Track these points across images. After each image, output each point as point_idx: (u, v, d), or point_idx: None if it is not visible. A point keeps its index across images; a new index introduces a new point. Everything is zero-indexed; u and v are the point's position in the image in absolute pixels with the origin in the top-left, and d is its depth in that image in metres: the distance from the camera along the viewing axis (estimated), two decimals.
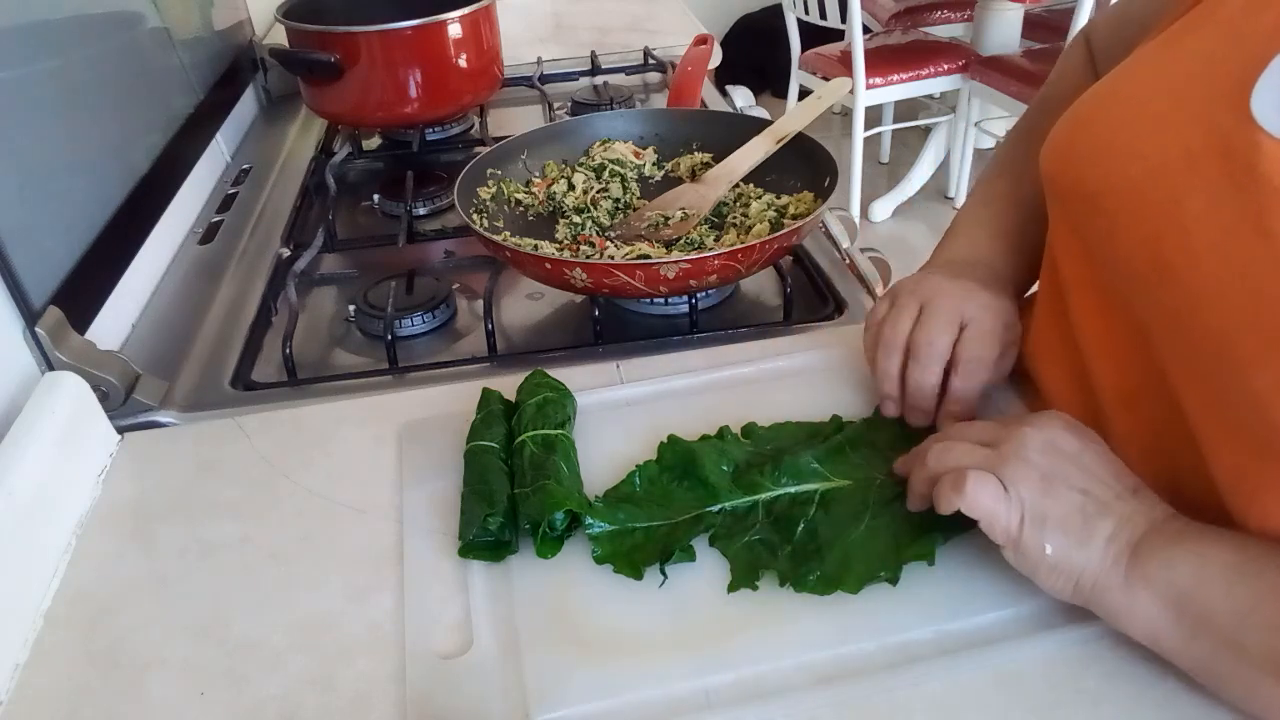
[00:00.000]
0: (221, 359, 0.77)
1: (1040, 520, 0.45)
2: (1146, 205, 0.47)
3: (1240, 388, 0.42)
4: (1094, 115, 0.53)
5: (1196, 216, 0.44)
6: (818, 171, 0.84)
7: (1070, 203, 0.55)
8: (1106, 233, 0.50)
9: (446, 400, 0.67)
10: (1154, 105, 0.49)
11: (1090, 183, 0.51)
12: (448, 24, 1.06)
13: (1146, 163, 0.47)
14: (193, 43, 1.10)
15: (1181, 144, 0.46)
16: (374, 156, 1.18)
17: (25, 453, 0.57)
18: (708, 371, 0.69)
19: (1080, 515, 0.46)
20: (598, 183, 0.89)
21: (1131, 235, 0.48)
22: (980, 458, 0.48)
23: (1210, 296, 0.44)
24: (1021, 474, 0.46)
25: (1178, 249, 0.45)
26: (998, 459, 0.47)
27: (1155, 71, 0.51)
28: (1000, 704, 0.44)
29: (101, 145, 0.82)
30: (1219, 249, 0.43)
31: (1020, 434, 0.48)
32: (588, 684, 0.46)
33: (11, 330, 0.65)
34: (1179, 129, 0.46)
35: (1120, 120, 0.50)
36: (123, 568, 0.57)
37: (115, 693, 0.49)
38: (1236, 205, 0.42)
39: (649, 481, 0.57)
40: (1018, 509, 0.46)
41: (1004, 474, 0.46)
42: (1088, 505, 0.46)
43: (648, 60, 1.40)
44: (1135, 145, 0.48)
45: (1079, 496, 0.46)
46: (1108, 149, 0.50)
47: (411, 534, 0.56)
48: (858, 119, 2.67)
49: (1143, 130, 0.48)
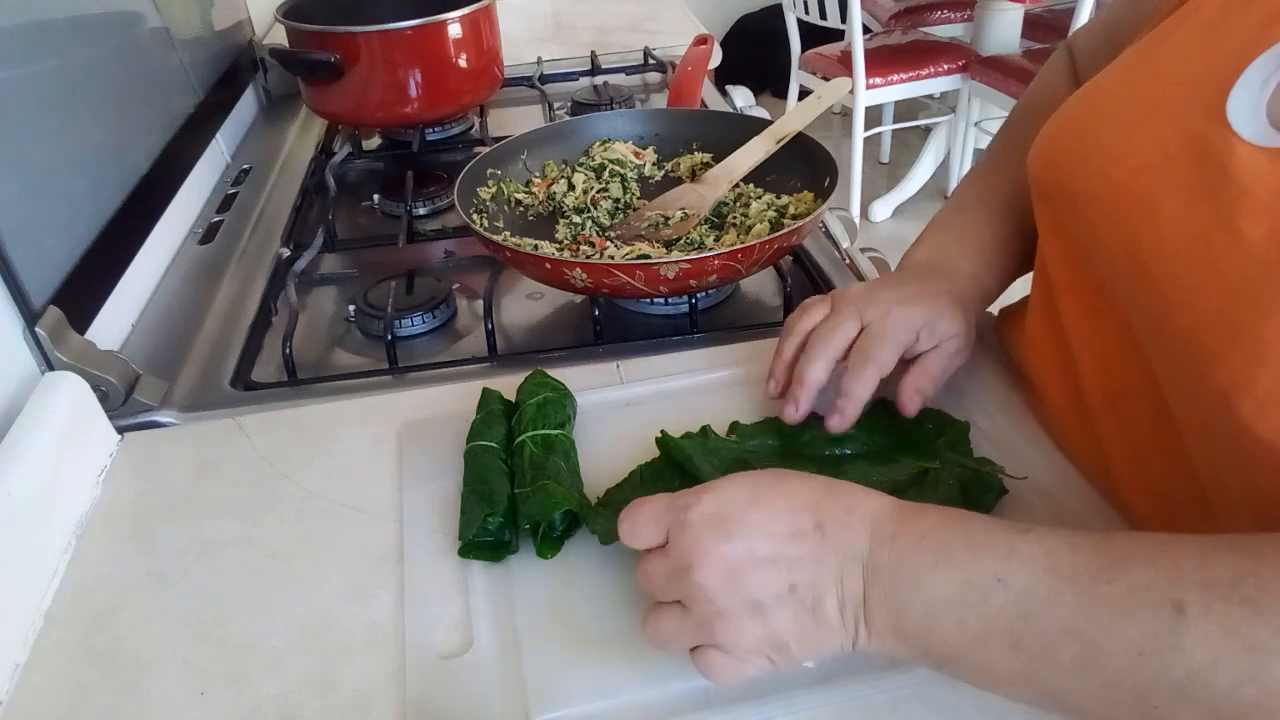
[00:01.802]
0: (221, 359, 0.77)
1: (783, 649, 0.42)
2: (1126, 207, 0.47)
3: (1206, 383, 0.43)
4: (1079, 118, 0.53)
5: (1171, 218, 0.45)
6: (818, 171, 0.84)
7: (1056, 204, 0.55)
8: (1090, 234, 0.51)
9: (446, 400, 0.67)
10: (1134, 108, 0.49)
11: (1074, 184, 0.51)
12: (448, 24, 1.06)
13: (1127, 165, 0.48)
14: (193, 43, 1.10)
15: (1160, 147, 0.46)
16: (374, 156, 1.18)
17: (25, 453, 0.57)
18: (708, 371, 0.69)
19: (809, 615, 0.42)
20: (598, 183, 0.89)
21: (1112, 236, 0.48)
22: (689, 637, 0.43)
23: (1181, 295, 0.44)
24: (733, 633, 0.42)
25: (1153, 249, 0.46)
26: (703, 629, 0.42)
27: (1136, 75, 0.51)
28: (1000, 704, 0.44)
29: (101, 145, 0.82)
30: (1191, 249, 0.43)
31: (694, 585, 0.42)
32: (588, 684, 0.46)
33: (11, 330, 0.65)
34: (1158, 132, 0.47)
35: (1103, 123, 0.51)
36: (123, 568, 0.57)
37: (115, 693, 0.49)
38: (1209, 207, 0.43)
39: (649, 482, 0.57)
40: (756, 659, 0.42)
41: (723, 644, 0.42)
42: (802, 597, 0.42)
43: (648, 60, 1.40)
44: (1117, 147, 0.49)
45: (789, 600, 0.42)
46: (1091, 151, 0.50)
47: (411, 534, 0.56)
48: (858, 119, 2.67)
49: (1123, 133, 0.49)
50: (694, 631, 0.43)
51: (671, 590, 0.44)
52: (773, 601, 0.41)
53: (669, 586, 0.44)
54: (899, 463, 0.56)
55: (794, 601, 0.41)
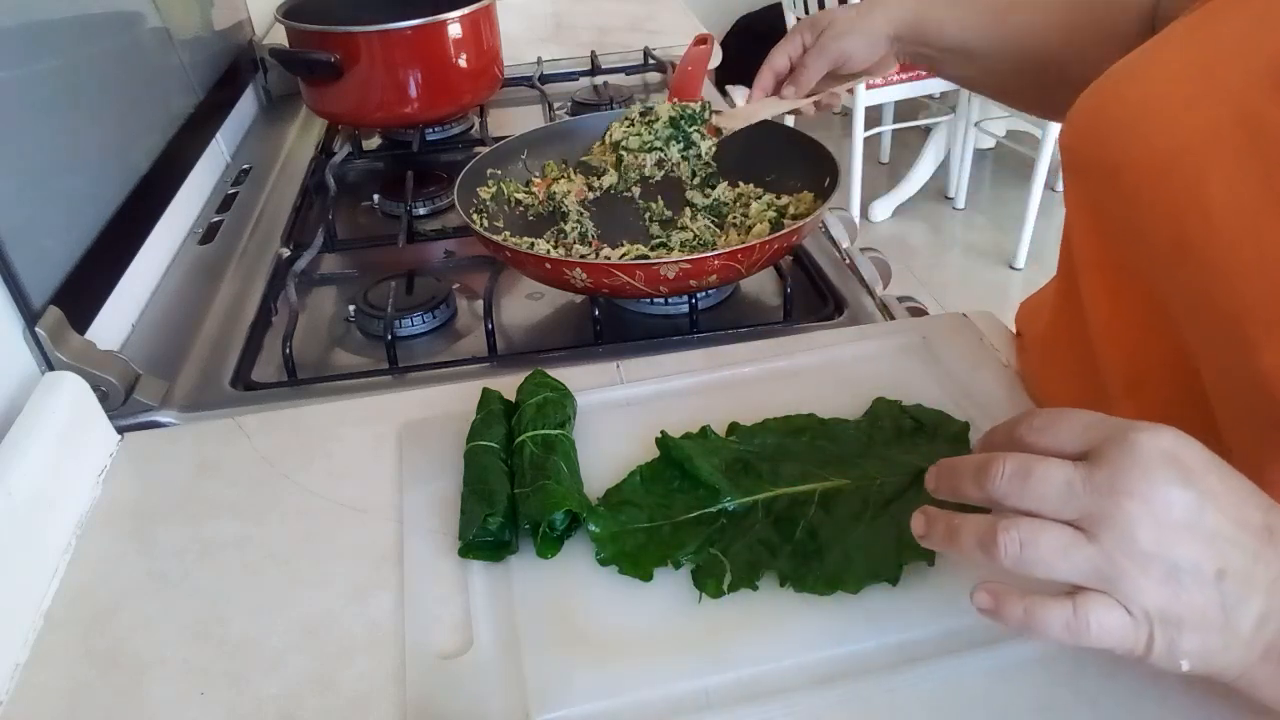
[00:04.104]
0: (221, 359, 0.77)
1: (1173, 633, 0.37)
2: (1169, 181, 0.47)
3: (1248, 365, 0.42)
4: (1120, 90, 0.52)
5: (1220, 193, 0.44)
6: (818, 171, 0.84)
7: (1090, 177, 0.54)
8: (1128, 207, 0.50)
9: (446, 400, 0.67)
10: (1183, 82, 0.49)
11: (1113, 157, 0.51)
12: (448, 24, 1.06)
13: (1172, 138, 0.47)
14: (193, 43, 1.10)
15: (1210, 121, 0.46)
16: (374, 156, 1.18)
17: (25, 453, 0.57)
18: (708, 371, 0.68)
19: (1219, 610, 0.36)
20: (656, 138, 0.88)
21: (1152, 211, 0.48)
22: (1080, 565, 0.37)
23: (1226, 273, 0.43)
24: (1141, 585, 0.36)
25: (1198, 225, 0.45)
26: (1105, 564, 0.37)
27: (1186, 50, 0.51)
28: (1000, 704, 0.44)
29: (101, 145, 0.82)
30: (1239, 226, 0.43)
31: (1122, 512, 0.36)
32: (588, 684, 0.46)
33: (11, 330, 0.65)
34: (1208, 106, 0.46)
35: (1147, 96, 0.50)
36: (123, 568, 0.57)
37: (115, 693, 0.49)
38: (1261, 183, 0.42)
39: (649, 482, 0.57)
40: (1145, 627, 0.37)
41: (1119, 590, 0.37)
42: (1226, 592, 0.36)
43: (648, 60, 1.40)
44: (1162, 121, 0.48)
45: (1213, 585, 0.36)
46: (1133, 124, 0.50)
47: (411, 534, 0.56)
48: (858, 119, 2.67)
49: (1170, 106, 0.48)
50: (1089, 562, 0.37)
51: (1074, 506, 0.37)
52: (1193, 576, 0.36)
53: (1071, 502, 0.37)
54: (899, 463, 0.56)
55: (1215, 588, 0.36)
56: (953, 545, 0.40)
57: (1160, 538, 0.36)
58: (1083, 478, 0.37)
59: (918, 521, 0.42)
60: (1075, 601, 0.37)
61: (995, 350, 0.68)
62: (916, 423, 0.60)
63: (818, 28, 0.79)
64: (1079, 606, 0.37)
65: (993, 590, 0.39)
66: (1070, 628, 0.37)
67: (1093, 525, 0.37)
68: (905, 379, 0.65)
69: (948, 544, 0.40)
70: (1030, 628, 0.38)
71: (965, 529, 0.39)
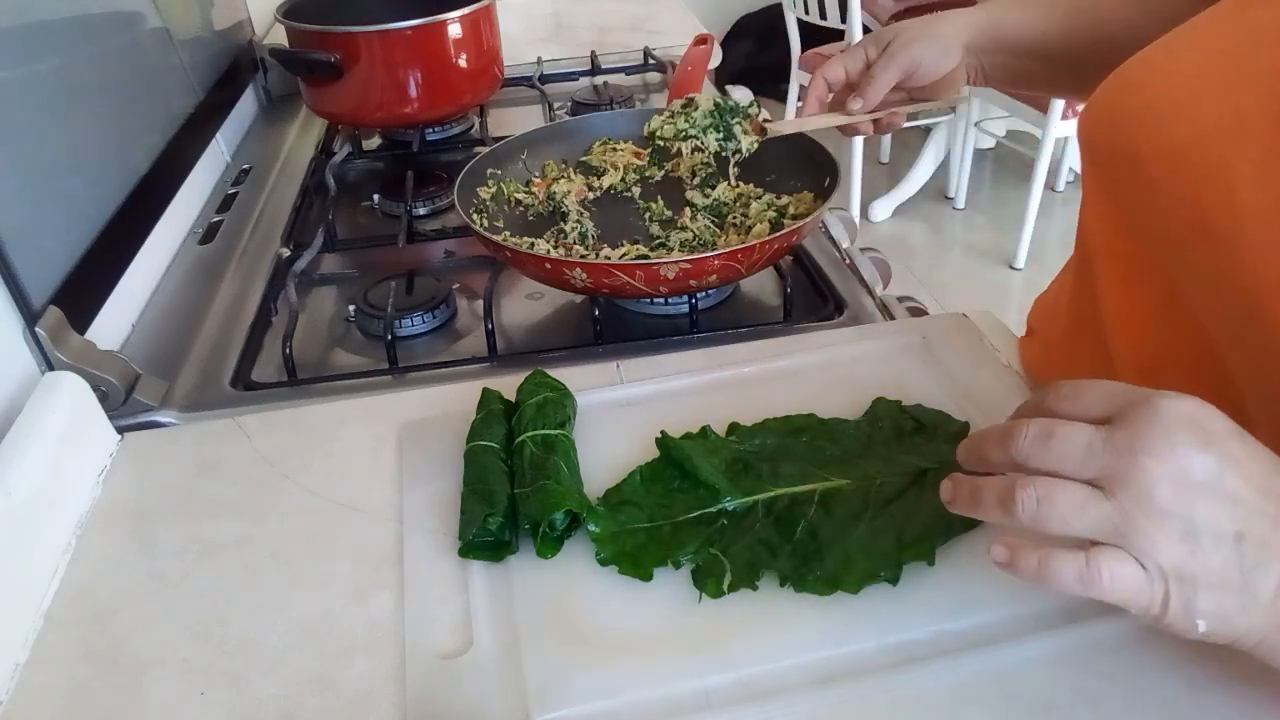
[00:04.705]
0: (221, 359, 0.77)
1: (1189, 592, 0.37)
2: (1192, 168, 0.47)
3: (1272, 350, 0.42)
4: (1141, 79, 0.53)
5: (1245, 179, 0.44)
6: (818, 171, 0.84)
7: (1109, 166, 0.54)
8: (1148, 194, 0.50)
9: (446, 400, 0.67)
10: (1207, 72, 0.49)
11: (1133, 145, 0.51)
12: (448, 24, 1.06)
13: (1196, 126, 0.47)
14: (193, 43, 1.10)
15: (1235, 109, 0.46)
16: (374, 156, 1.18)
17: (25, 453, 0.57)
18: (708, 371, 0.68)
19: (1237, 571, 0.37)
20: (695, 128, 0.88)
21: (1173, 197, 0.48)
22: (1096, 520, 0.38)
23: (1250, 258, 0.43)
24: (1156, 541, 0.37)
25: (1222, 210, 0.45)
26: (1121, 519, 0.37)
27: (1210, 40, 0.51)
28: (1000, 704, 0.44)
29: (101, 145, 0.82)
30: (1265, 211, 0.43)
31: (1140, 470, 0.37)
32: (588, 684, 0.46)
33: (11, 330, 0.65)
34: (1234, 94, 0.46)
35: (1170, 85, 0.50)
36: (123, 568, 0.57)
37: (115, 692, 0.49)
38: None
39: (649, 482, 0.57)
40: (1160, 584, 0.37)
41: (1134, 545, 0.37)
42: (1244, 554, 0.37)
43: (648, 60, 1.40)
44: (1185, 109, 0.48)
45: (1231, 546, 0.37)
46: (1155, 112, 0.50)
47: (411, 534, 0.56)
48: None
49: (1194, 95, 0.48)
50: (1106, 517, 0.37)
51: (1094, 466, 0.38)
52: (1212, 537, 0.37)
53: (1091, 461, 0.38)
54: (899, 463, 0.56)
55: (1234, 551, 0.37)
56: (975, 508, 0.41)
57: (1178, 496, 0.37)
58: (1104, 438, 0.38)
59: (945, 488, 0.43)
60: (1089, 554, 0.38)
61: (995, 350, 0.68)
62: (916, 423, 0.60)
63: (883, 41, 0.74)
64: (1092, 558, 0.38)
65: (1008, 543, 0.40)
66: (1083, 579, 0.38)
67: (1111, 483, 0.38)
68: (905, 379, 0.65)
69: (971, 507, 0.42)
70: (1044, 578, 0.39)
71: (986, 490, 0.41)
